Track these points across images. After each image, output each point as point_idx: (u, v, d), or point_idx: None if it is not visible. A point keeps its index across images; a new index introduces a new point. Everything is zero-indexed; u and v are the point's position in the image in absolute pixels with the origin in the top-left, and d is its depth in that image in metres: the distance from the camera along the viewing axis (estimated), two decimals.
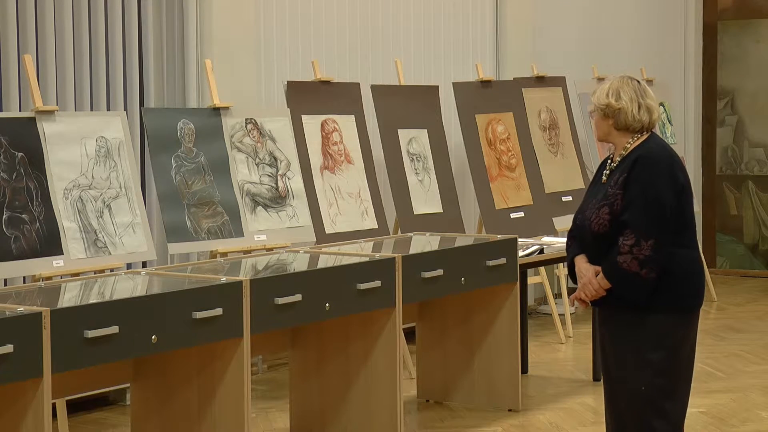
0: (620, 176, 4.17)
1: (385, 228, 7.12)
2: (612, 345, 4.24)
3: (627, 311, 4.18)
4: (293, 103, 6.83)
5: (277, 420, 6.06)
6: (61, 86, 6.16)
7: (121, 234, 5.71)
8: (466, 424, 5.96)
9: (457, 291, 5.91)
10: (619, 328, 4.21)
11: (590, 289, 4.22)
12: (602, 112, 4.28)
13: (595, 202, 4.22)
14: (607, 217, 4.16)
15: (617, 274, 4.13)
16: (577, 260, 4.31)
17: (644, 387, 4.15)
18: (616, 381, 4.23)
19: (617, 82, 4.32)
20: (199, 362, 4.82)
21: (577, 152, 8.76)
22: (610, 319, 4.25)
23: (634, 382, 4.16)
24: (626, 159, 4.22)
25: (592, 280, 4.21)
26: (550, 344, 7.92)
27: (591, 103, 4.36)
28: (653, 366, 4.14)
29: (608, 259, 4.16)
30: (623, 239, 4.10)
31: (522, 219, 7.94)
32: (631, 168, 4.15)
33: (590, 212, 4.22)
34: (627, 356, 4.18)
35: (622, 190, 4.15)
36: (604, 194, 4.20)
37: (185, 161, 6.15)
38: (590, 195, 4.32)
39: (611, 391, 4.28)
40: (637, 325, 4.16)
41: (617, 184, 4.17)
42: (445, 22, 8.55)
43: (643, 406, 4.17)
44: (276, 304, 4.83)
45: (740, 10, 10.98)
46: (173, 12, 6.73)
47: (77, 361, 4.16)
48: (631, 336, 4.17)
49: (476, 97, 8.03)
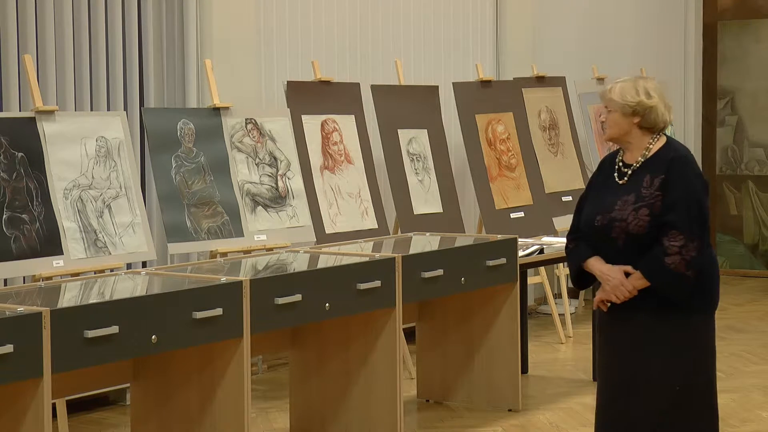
0: (654, 177, 4.15)
1: (385, 228, 7.12)
2: (636, 347, 4.18)
3: (656, 312, 4.15)
4: (293, 103, 6.83)
5: (277, 420, 6.06)
6: (61, 86, 6.17)
7: (121, 234, 5.71)
8: (466, 424, 5.96)
9: (457, 291, 5.91)
10: (648, 329, 4.17)
11: (623, 291, 4.17)
12: (630, 109, 4.23)
13: (624, 204, 4.16)
14: (646, 218, 4.12)
15: (665, 275, 4.10)
16: (594, 262, 4.25)
17: (679, 387, 4.14)
18: (648, 382, 4.16)
19: (641, 80, 4.29)
20: (199, 362, 4.82)
21: (577, 152, 8.76)
22: (633, 321, 4.19)
23: (669, 383, 4.14)
24: (655, 160, 4.19)
25: (624, 282, 4.17)
26: (550, 344, 7.92)
27: (608, 100, 4.29)
28: (693, 365, 4.16)
29: (649, 260, 4.11)
30: (670, 241, 4.08)
31: (522, 219, 7.94)
32: (668, 169, 4.14)
33: (622, 213, 4.15)
34: (660, 357, 4.14)
35: (660, 192, 4.13)
36: (637, 195, 4.15)
37: (185, 161, 6.15)
38: (603, 196, 4.25)
39: (638, 392, 4.18)
40: (671, 325, 4.15)
41: (652, 185, 4.14)
42: (445, 22, 8.55)
43: (687, 405, 4.15)
44: (276, 304, 4.83)
45: (740, 10, 10.98)
46: (173, 12, 6.73)
47: (77, 361, 4.16)
48: (663, 336, 4.15)
49: (476, 97, 8.03)
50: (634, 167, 4.24)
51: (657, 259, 4.10)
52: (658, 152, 4.23)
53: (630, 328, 4.22)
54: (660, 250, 4.10)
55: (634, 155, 4.27)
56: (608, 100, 4.30)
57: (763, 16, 10.86)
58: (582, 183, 8.68)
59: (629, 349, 4.21)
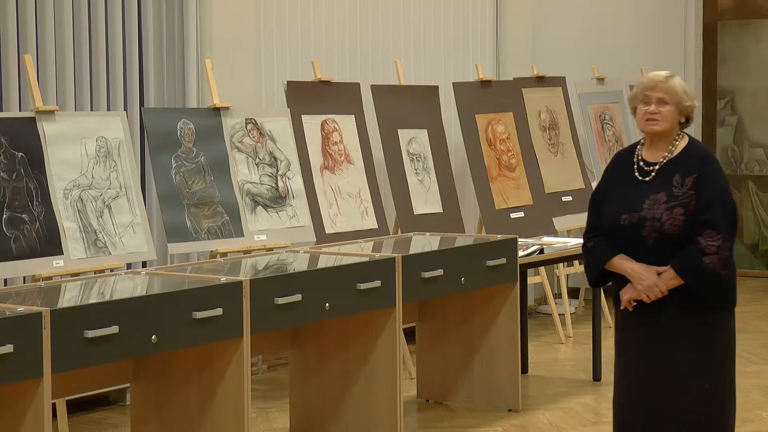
0: (685, 176, 4.14)
1: (385, 228, 7.12)
2: (665, 346, 4.17)
3: (686, 310, 4.15)
4: (293, 103, 6.83)
5: (277, 420, 6.06)
6: (61, 86, 6.16)
7: (121, 234, 5.71)
8: (466, 424, 5.96)
9: (457, 291, 5.91)
10: (677, 328, 4.16)
11: (657, 291, 4.15)
12: (686, 108, 4.21)
13: (654, 202, 4.13)
14: (681, 217, 4.11)
15: (703, 275, 4.10)
16: (622, 261, 4.21)
17: (708, 384, 4.14)
18: (678, 381, 4.15)
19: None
20: (199, 362, 4.82)
21: (577, 152, 8.76)
22: (662, 320, 4.18)
23: (699, 380, 4.14)
24: (682, 159, 4.18)
25: (658, 282, 4.14)
26: (550, 344, 7.92)
27: (669, 91, 4.18)
28: (719, 362, 4.17)
29: (686, 260, 4.10)
30: (708, 240, 4.07)
31: (522, 219, 7.94)
32: (701, 169, 4.14)
33: (654, 212, 4.12)
34: (689, 356, 4.14)
35: (694, 191, 4.12)
36: (668, 194, 4.13)
37: (185, 161, 6.15)
38: (625, 193, 4.20)
39: (667, 391, 4.17)
40: (700, 323, 4.15)
41: (684, 184, 4.13)
42: (445, 22, 8.55)
43: (712, 404, 4.16)
44: (276, 304, 4.83)
45: (740, 10, 10.98)
46: (173, 12, 6.73)
47: (77, 361, 4.16)
48: (692, 335, 4.15)
49: (476, 97, 8.03)
50: (661, 164, 4.21)
51: (695, 258, 4.09)
52: (685, 151, 4.21)
53: (659, 327, 4.19)
54: (697, 250, 4.09)
55: (656, 153, 4.23)
56: (669, 91, 4.20)
57: (763, 16, 10.86)
58: (582, 183, 8.68)
59: (657, 348, 4.19)
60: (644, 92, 4.22)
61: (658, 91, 4.20)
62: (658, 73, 4.25)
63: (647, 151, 4.26)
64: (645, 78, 4.28)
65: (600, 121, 9.02)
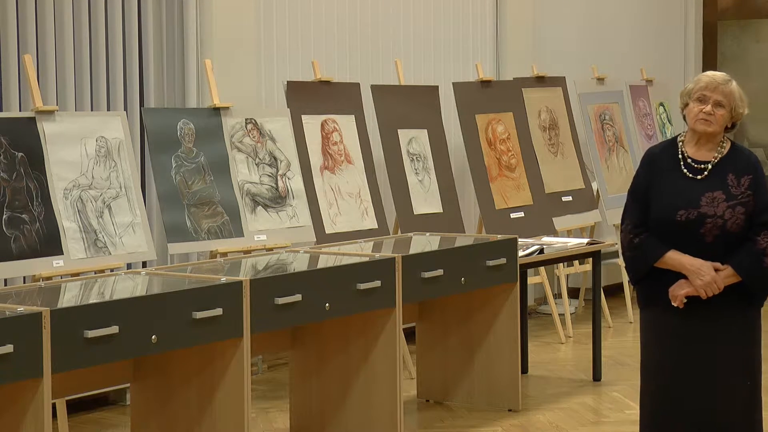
0: (740, 176, 4.17)
1: (385, 228, 7.12)
2: (714, 343, 4.18)
3: (735, 308, 4.19)
4: (293, 103, 6.83)
5: (277, 420, 6.06)
6: (61, 86, 6.16)
7: (121, 234, 5.71)
8: (466, 424, 5.96)
9: (457, 291, 5.91)
10: (727, 325, 4.19)
11: (715, 288, 4.16)
12: (739, 116, 4.25)
13: (712, 200, 4.14)
14: (742, 216, 4.15)
15: (762, 273, 4.15)
16: (680, 256, 4.18)
17: (750, 382, 4.18)
18: (725, 379, 4.17)
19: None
20: (199, 362, 4.82)
21: (577, 152, 8.76)
22: (713, 317, 4.19)
23: (743, 378, 4.18)
24: (733, 159, 4.21)
25: (717, 280, 4.15)
26: (550, 344, 7.92)
27: (729, 96, 4.21)
28: (758, 360, 4.22)
29: (748, 259, 4.14)
30: (767, 241, 4.14)
31: (522, 219, 7.94)
32: (756, 170, 4.20)
33: (715, 210, 4.14)
34: (736, 353, 4.18)
35: (752, 191, 4.17)
36: (727, 193, 4.15)
37: (185, 161, 6.15)
38: (677, 190, 4.19)
39: (714, 390, 4.18)
40: (746, 321, 4.21)
41: (741, 184, 4.17)
42: (445, 22, 8.55)
43: (751, 401, 4.20)
44: (276, 304, 4.83)
45: (740, 10, 10.98)
46: (173, 12, 6.73)
47: (77, 361, 4.16)
48: (739, 332, 4.19)
49: (476, 97, 8.03)
50: (713, 163, 4.22)
51: (757, 258, 4.14)
52: (732, 152, 4.25)
53: (707, 326, 4.20)
54: (759, 250, 4.14)
55: (705, 153, 4.24)
56: (728, 96, 4.22)
57: (763, 16, 10.86)
58: (582, 183, 8.68)
59: (705, 347, 4.19)
60: (703, 91, 4.23)
61: (717, 93, 4.22)
62: (718, 75, 4.26)
63: (693, 149, 4.27)
64: (705, 76, 4.26)
65: (600, 121, 9.01)
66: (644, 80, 9.76)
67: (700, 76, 4.30)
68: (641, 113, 9.58)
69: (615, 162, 9.03)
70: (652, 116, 9.71)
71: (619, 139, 9.16)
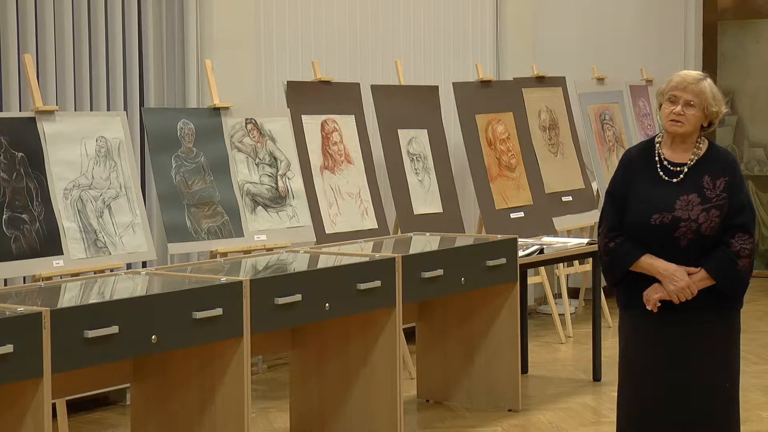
0: (715, 179, 4.14)
1: (385, 228, 7.12)
2: (691, 347, 4.17)
3: (711, 311, 4.18)
4: (293, 103, 6.82)
5: (277, 420, 6.06)
6: (61, 86, 6.16)
7: (121, 234, 5.71)
8: (466, 424, 5.96)
9: (457, 291, 5.91)
10: (704, 329, 4.18)
11: (689, 293, 4.14)
12: (713, 114, 4.19)
13: (687, 203, 4.12)
14: (717, 219, 4.12)
15: (736, 277, 4.14)
16: (653, 260, 4.17)
17: (728, 384, 4.17)
18: (702, 382, 4.17)
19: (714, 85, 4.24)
20: (199, 362, 4.82)
21: (577, 152, 8.76)
22: (688, 321, 4.18)
23: (721, 380, 4.17)
24: (709, 160, 4.18)
25: (691, 285, 4.14)
26: (550, 344, 7.92)
27: (699, 95, 4.15)
28: (734, 362, 4.21)
29: (722, 262, 4.12)
30: (742, 243, 4.12)
31: (522, 219, 7.94)
32: (732, 172, 4.16)
33: (689, 213, 4.11)
34: (713, 356, 4.17)
35: (726, 193, 4.13)
36: (701, 196, 4.12)
37: (185, 161, 6.14)
38: (653, 193, 4.17)
39: (690, 394, 4.18)
40: (722, 323, 4.20)
41: (716, 186, 4.14)
42: (445, 22, 8.55)
43: (730, 402, 4.20)
44: (276, 304, 4.83)
45: (740, 10, 10.98)
46: (173, 12, 6.73)
47: (77, 361, 4.16)
48: (716, 335, 4.18)
49: (476, 97, 8.03)
50: (689, 165, 4.19)
51: (730, 261, 4.12)
52: (709, 153, 4.22)
53: (683, 328, 4.19)
54: (732, 253, 4.12)
55: (680, 154, 4.21)
56: (699, 95, 4.16)
57: (763, 16, 10.86)
58: (582, 183, 8.68)
59: (682, 348, 4.18)
60: (673, 91, 4.18)
61: (687, 93, 4.16)
62: (690, 74, 4.21)
63: (669, 151, 4.23)
64: (677, 76, 4.21)
65: (600, 121, 9.01)
66: (644, 80, 9.76)
67: (673, 76, 4.23)
68: (641, 113, 9.58)
69: (615, 162, 9.02)
70: (652, 116, 9.71)
71: (619, 139, 9.17)
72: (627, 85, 9.46)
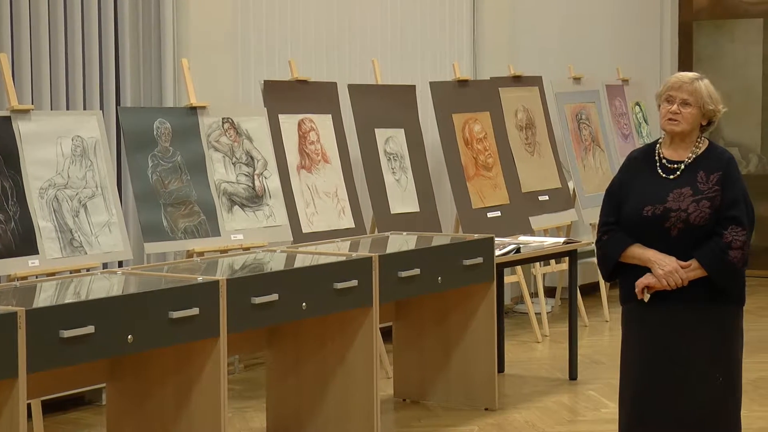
0: (709, 174, 4.21)
1: (362, 227, 7.13)
2: (684, 340, 4.20)
3: (706, 304, 4.20)
4: (270, 102, 6.82)
5: (253, 420, 6.05)
6: (37, 85, 6.14)
7: (97, 233, 5.69)
8: (442, 423, 5.97)
9: (434, 290, 5.92)
10: (697, 321, 4.21)
11: (677, 278, 4.18)
12: (710, 112, 4.27)
13: (679, 195, 4.18)
14: (708, 210, 4.18)
15: (726, 268, 4.17)
16: (640, 249, 4.24)
17: (722, 378, 4.19)
18: (695, 375, 4.19)
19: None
20: (175, 362, 4.81)
21: (553, 152, 8.78)
22: (682, 313, 4.21)
23: (714, 374, 4.19)
24: (706, 158, 4.25)
25: (679, 270, 4.18)
26: (526, 343, 7.94)
27: (693, 93, 4.24)
28: (733, 357, 4.23)
29: (712, 252, 4.16)
30: (735, 235, 4.16)
31: (499, 218, 7.95)
32: (727, 168, 4.22)
33: (679, 204, 4.17)
34: (707, 350, 4.19)
35: (720, 187, 4.19)
36: (694, 189, 4.18)
37: (162, 160, 6.13)
38: (648, 189, 4.25)
39: (683, 386, 4.21)
40: (718, 317, 4.21)
41: (709, 180, 4.20)
42: (421, 21, 8.56)
43: (725, 397, 4.21)
44: (253, 303, 4.82)
45: (715, 10, 11.03)
46: (150, 11, 6.71)
47: (53, 361, 4.14)
48: (710, 329, 4.20)
49: (453, 96, 8.04)
50: (686, 163, 4.27)
51: (721, 251, 4.16)
52: (708, 152, 4.29)
53: (678, 322, 4.23)
54: (723, 244, 4.16)
55: (681, 153, 4.29)
56: (694, 93, 4.26)
57: (738, 16, 10.91)
58: (558, 182, 8.70)
59: (677, 344, 4.22)
60: (669, 92, 4.29)
61: (682, 92, 4.26)
62: (685, 74, 4.32)
63: (668, 150, 4.32)
64: (673, 77, 4.33)
65: (576, 121, 9.04)
66: (620, 80, 9.79)
67: (670, 77, 4.37)
68: (617, 113, 9.61)
69: (591, 161, 9.06)
70: (628, 116, 9.74)
71: (596, 138, 9.19)
72: (603, 84, 9.49)
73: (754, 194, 4.37)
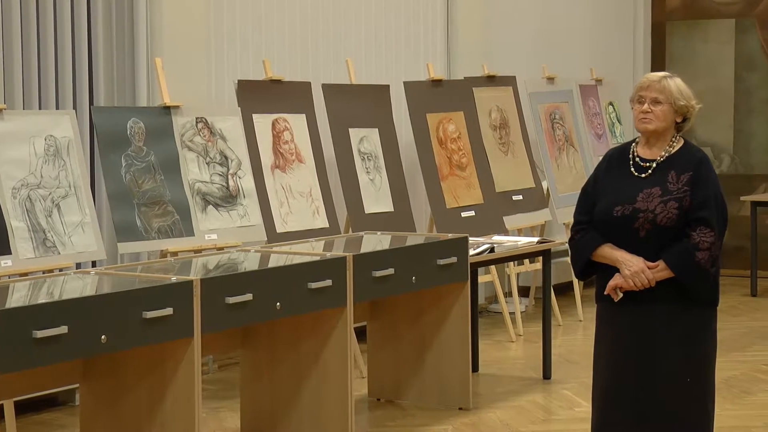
0: (680, 174, 4.22)
1: (336, 227, 7.12)
2: (653, 341, 4.21)
3: (675, 305, 4.21)
4: (244, 102, 6.81)
5: (227, 420, 6.04)
6: (9, 84, 6.11)
7: (71, 233, 5.67)
8: (417, 422, 5.97)
9: (408, 290, 5.92)
10: (666, 323, 4.21)
11: (643, 278, 4.19)
12: (683, 108, 4.30)
13: (648, 196, 4.20)
14: (675, 211, 4.19)
15: (693, 269, 4.17)
16: (609, 249, 4.27)
17: (690, 379, 4.20)
18: (663, 376, 4.21)
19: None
20: (149, 362, 4.79)
21: (527, 151, 8.80)
22: (651, 314, 4.22)
23: (682, 375, 4.20)
24: (678, 158, 4.26)
25: (645, 270, 4.20)
26: (500, 343, 7.96)
27: (663, 91, 4.27)
28: (704, 359, 4.24)
29: (678, 253, 4.17)
30: (702, 236, 4.16)
31: (473, 218, 7.96)
32: (697, 168, 4.23)
33: (648, 204, 4.19)
34: (676, 351, 4.20)
35: (688, 188, 4.20)
36: (663, 189, 4.20)
37: (135, 160, 6.11)
38: (620, 188, 4.27)
39: (652, 387, 4.22)
40: (688, 319, 4.22)
41: (679, 181, 4.22)
42: (396, 21, 8.56)
43: (694, 398, 4.22)
44: (227, 303, 4.82)
45: (688, 11, 11.08)
46: (123, 10, 6.69)
47: (26, 361, 4.13)
48: (680, 330, 4.21)
49: (427, 96, 8.05)
50: (658, 162, 4.29)
51: (688, 252, 4.17)
52: (681, 151, 4.30)
53: (647, 322, 4.24)
54: (691, 245, 4.17)
55: (654, 152, 4.31)
56: (663, 91, 4.29)
57: (711, 17, 10.97)
58: (532, 182, 8.72)
59: (645, 343, 4.24)
60: (639, 92, 4.33)
61: (651, 91, 4.30)
62: (654, 74, 4.35)
63: (643, 149, 4.34)
64: (644, 78, 4.37)
65: (550, 120, 9.06)
66: (594, 80, 9.82)
67: (641, 78, 4.41)
68: (591, 112, 9.65)
69: (565, 161, 9.09)
70: (601, 115, 9.77)
71: (569, 138, 9.22)
72: (577, 84, 9.52)
73: (726, 194, 4.37)
